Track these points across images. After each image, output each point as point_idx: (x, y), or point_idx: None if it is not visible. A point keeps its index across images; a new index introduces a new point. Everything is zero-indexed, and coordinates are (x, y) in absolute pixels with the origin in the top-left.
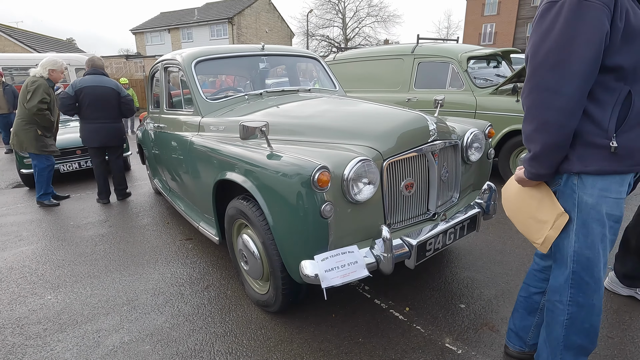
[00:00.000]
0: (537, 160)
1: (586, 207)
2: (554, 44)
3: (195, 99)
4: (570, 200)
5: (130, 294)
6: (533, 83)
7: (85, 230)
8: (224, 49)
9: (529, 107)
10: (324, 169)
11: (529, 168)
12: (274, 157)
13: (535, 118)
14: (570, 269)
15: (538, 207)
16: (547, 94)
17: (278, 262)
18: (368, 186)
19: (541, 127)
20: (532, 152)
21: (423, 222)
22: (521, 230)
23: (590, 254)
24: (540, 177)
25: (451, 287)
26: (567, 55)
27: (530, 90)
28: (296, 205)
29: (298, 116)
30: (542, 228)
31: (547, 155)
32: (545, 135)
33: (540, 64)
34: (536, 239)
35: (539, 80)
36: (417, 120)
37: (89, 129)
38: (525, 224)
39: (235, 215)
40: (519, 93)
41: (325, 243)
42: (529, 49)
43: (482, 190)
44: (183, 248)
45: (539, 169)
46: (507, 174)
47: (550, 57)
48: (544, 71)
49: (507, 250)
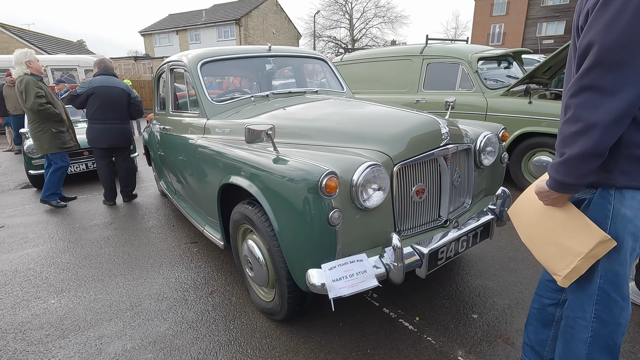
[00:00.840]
0: (568, 165)
1: (623, 219)
2: (620, 38)
3: (201, 101)
4: (602, 211)
5: (133, 299)
6: (586, 82)
7: (90, 232)
8: (230, 50)
9: (577, 106)
10: (332, 175)
11: (554, 174)
12: (280, 161)
13: (581, 119)
14: (597, 284)
15: (562, 230)
16: (600, 95)
17: (284, 270)
18: (377, 192)
19: (585, 130)
20: (564, 155)
21: (434, 229)
22: (539, 259)
23: (620, 269)
24: (565, 187)
25: (463, 295)
26: (632, 55)
27: (580, 89)
28: (303, 211)
29: (305, 119)
30: (568, 256)
31: (580, 162)
32: (587, 139)
33: (598, 61)
34: (559, 269)
35: (595, 79)
36: (429, 123)
37: (98, 129)
38: (545, 252)
39: (240, 220)
40: (532, 94)
41: (333, 251)
42: (586, 40)
43: (495, 196)
44: (188, 252)
45: (566, 177)
46: (519, 177)
47: (612, 54)
48: (601, 70)
49: (519, 257)
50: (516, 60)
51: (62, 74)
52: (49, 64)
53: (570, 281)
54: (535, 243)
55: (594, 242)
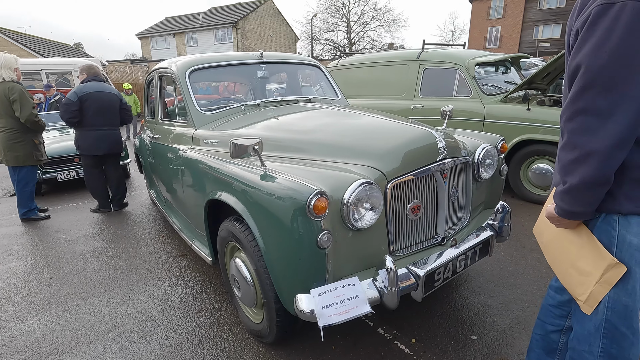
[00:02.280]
0: (572, 195)
1: (630, 248)
2: (611, 58)
3: (189, 110)
4: (607, 237)
5: (116, 319)
6: (580, 105)
7: (77, 244)
8: (220, 57)
9: (571, 132)
10: (321, 195)
11: (561, 203)
12: (268, 178)
13: (578, 147)
14: (603, 316)
15: (579, 254)
16: (596, 119)
17: (272, 293)
18: (370, 212)
19: (583, 158)
20: (567, 184)
21: (431, 248)
22: (563, 283)
23: (629, 301)
24: (574, 215)
25: (461, 314)
26: (626, 74)
27: (574, 113)
28: (290, 233)
29: (296, 130)
30: (585, 282)
31: (584, 192)
32: (587, 168)
33: (591, 83)
34: (578, 294)
35: (588, 102)
36: (425, 137)
37: (94, 136)
38: (566, 275)
39: (227, 238)
40: (530, 100)
41: (323, 275)
42: (575, 62)
43: (494, 211)
44: (176, 265)
45: (573, 206)
46: (519, 186)
47: (605, 75)
48: (595, 92)
49: (520, 271)
50: (514, 66)
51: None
52: (43, 67)
53: (592, 307)
54: (558, 267)
55: (604, 265)
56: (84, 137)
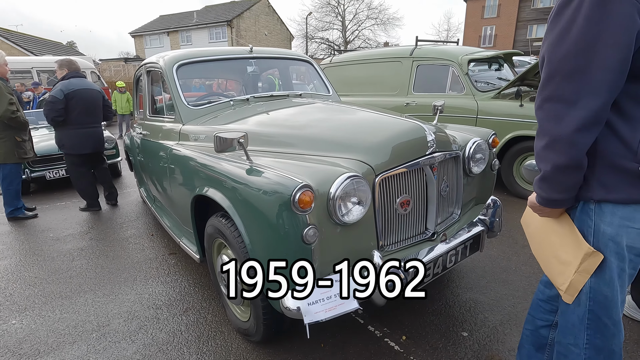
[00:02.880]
0: (548, 182)
1: (604, 237)
2: (572, 47)
3: (177, 105)
4: (584, 227)
5: (101, 318)
6: (547, 93)
7: (64, 243)
8: (209, 52)
9: (541, 120)
10: (306, 188)
11: (539, 191)
12: (253, 172)
13: (547, 133)
14: (586, 307)
15: (561, 244)
16: (562, 105)
17: None
18: (357, 206)
19: (552, 144)
20: (541, 171)
21: (421, 243)
22: (546, 273)
23: (608, 291)
24: (553, 202)
25: (452, 311)
26: (587, 60)
27: (543, 101)
28: (275, 228)
29: (285, 125)
30: (565, 271)
31: (558, 177)
32: (556, 153)
33: (556, 71)
34: (560, 284)
35: (554, 89)
36: (414, 130)
37: (80, 134)
38: (548, 265)
39: (214, 234)
40: (523, 97)
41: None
42: (542, 52)
43: (486, 206)
44: (165, 263)
45: (550, 193)
46: (512, 182)
47: (568, 62)
48: (559, 79)
49: (512, 267)
50: (507, 62)
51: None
52: (34, 65)
53: (572, 297)
54: (541, 257)
55: (581, 254)
56: (68, 135)
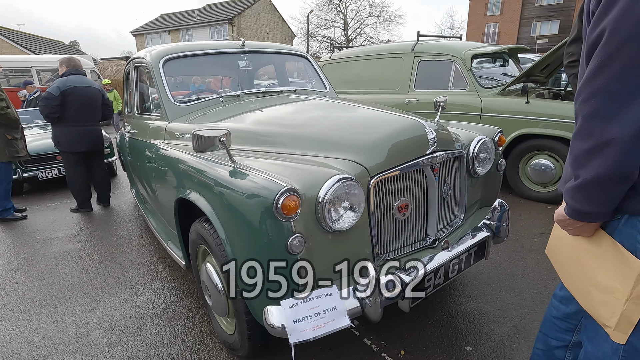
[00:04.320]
0: (585, 192)
1: None
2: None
3: (163, 102)
4: (630, 242)
5: (80, 329)
6: (599, 84)
7: (51, 246)
8: (199, 46)
9: (587, 117)
10: (291, 192)
11: (571, 201)
12: (236, 175)
13: (594, 134)
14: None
15: (599, 267)
16: (619, 101)
17: (241, 303)
18: (349, 212)
19: (599, 148)
20: (579, 179)
21: (421, 251)
22: (585, 307)
23: None
24: (588, 216)
25: (455, 322)
26: None
27: (591, 93)
28: (258, 236)
29: (274, 123)
30: (610, 301)
31: (600, 189)
32: (605, 160)
33: (613, 57)
34: (605, 318)
35: (609, 80)
36: (413, 128)
37: (76, 132)
38: (587, 296)
39: (197, 240)
40: (529, 93)
41: (294, 285)
42: (598, 29)
43: (491, 209)
44: (152, 268)
45: (587, 205)
46: (517, 183)
47: (630, 49)
48: (617, 68)
49: (518, 273)
50: (512, 58)
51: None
52: (34, 64)
53: (626, 335)
54: (577, 287)
55: (634, 276)
56: (64, 133)
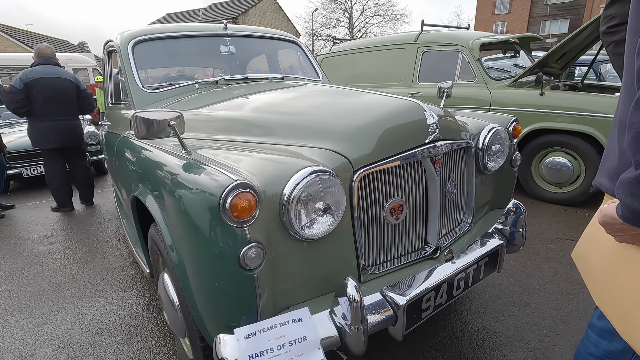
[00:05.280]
0: None
1: None
2: None
3: (129, 88)
4: None
5: (27, 347)
6: None
7: (21, 247)
8: (174, 28)
9: None
10: (244, 189)
11: (629, 199)
12: (185, 167)
13: None
14: None
15: None
16: None
17: (194, 326)
18: (325, 215)
19: None
20: None
21: (418, 263)
22: (624, 335)
23: None
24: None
25: (460, 345)
26: None
27: None
28: (204, 244)
29: (249, 109)
30: None
31: None
32: None
33: None
34: None
35: None
36: (409, 110)
37: (44, 127)
38: (629, 321)
39: (153, 246)
40: (544, 84)
41: (253, 308)
42: None
43: (505, 212)
44: (123, 275)
45: None
46: (529, 182)
47: None
48: None
49: (534, 285)
50: (523, 48)
51: None
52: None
53: None
54: (613, 306)
55: None
56: (34, 128)
